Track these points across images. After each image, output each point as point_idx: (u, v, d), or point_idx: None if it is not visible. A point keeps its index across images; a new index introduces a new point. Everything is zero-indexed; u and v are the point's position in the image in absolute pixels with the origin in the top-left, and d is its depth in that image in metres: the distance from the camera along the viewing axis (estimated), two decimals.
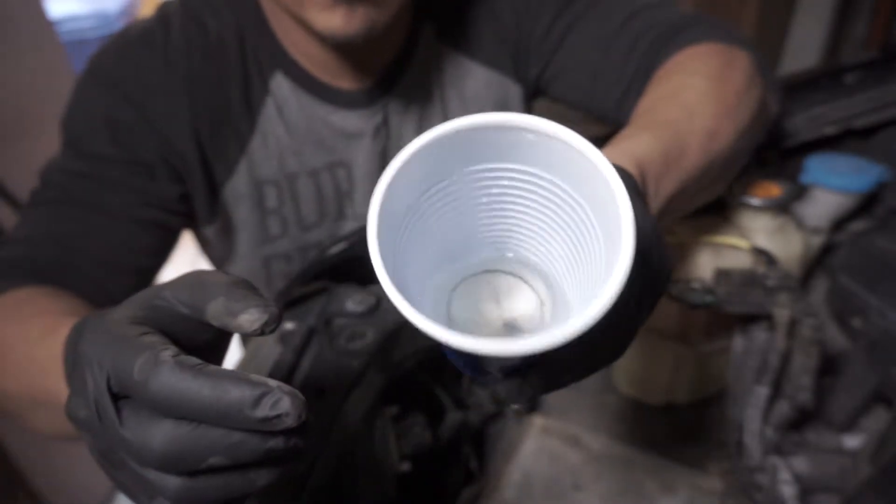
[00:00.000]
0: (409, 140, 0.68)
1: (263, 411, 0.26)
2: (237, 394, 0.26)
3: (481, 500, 0.56)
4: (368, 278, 0.58)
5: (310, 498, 0.40)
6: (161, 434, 0.27)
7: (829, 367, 0.60)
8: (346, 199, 0.76)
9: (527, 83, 0.79)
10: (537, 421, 0.63)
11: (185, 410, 0.26)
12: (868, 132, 0.74)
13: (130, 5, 2.82)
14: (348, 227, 0.77)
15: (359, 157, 0.75)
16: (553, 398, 0.69)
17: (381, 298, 0.55)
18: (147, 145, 0.65)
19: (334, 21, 0.59)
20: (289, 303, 0.62)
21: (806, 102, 0.73)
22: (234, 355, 0.62)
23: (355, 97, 0.72)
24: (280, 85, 0.70)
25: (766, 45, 2.76)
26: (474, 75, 0.77)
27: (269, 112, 0.70)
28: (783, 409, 0.53)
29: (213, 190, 0.71)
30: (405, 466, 0.52)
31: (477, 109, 0.77)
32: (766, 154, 0.72)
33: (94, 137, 0.64)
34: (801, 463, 0.54)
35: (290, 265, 0.77)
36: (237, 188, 0.71)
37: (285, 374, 0.49)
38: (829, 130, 0.71)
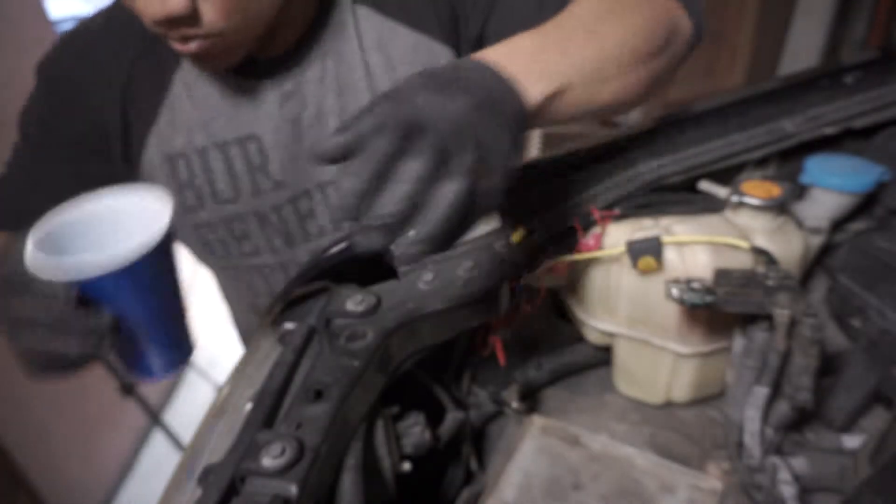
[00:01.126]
0: (329, 108, 0.74)
1: None
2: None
3: (481, 500, 0.55)
4: (368, 278, 0.58)
5: (310, 498, 0.40)
6: None
7: (828, 367, 0.60)
8: (258, 172, 0.77)
9: (459, 47, 0.79)
10: (537, 421, 0.63)
11: None
12: (868, 132, 0.74)
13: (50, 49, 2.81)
14: (269, 199, 0.79)
15: (268, 127, 0.76)
16: (553, 398, 0.69)
17: (382, 298, 0.55)
18: (76, 128, 0.74)
19: (193, 64, 0.67)
20: (289, 303, 0.62)
21: (806, 102, 0.73)
22: (234, 355, 0.62)
23: (263, 66, 0.74)
24: (189, 62, 0.72)
25: (766, 45, 2.77)
26: (402, 38, 0.77)
27: (177, 87, 0.74)
28: (783, 409, 0.53)
29: (131, 163, 0.76)
30: (405, 466, 0.52)
31: (405, 73, 0.75)
32: (767, 154, 0.72)
33: (31, 123, 0.75)
34: (801, 463, 0.54)
35: (217, 233, 0.80)
36: (151, 160, 0.75)
37: (285, 374, 0.49)
38: (829, 130, 0.71)
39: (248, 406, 0.49)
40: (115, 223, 0.59)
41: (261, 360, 0.57)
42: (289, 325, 0.59)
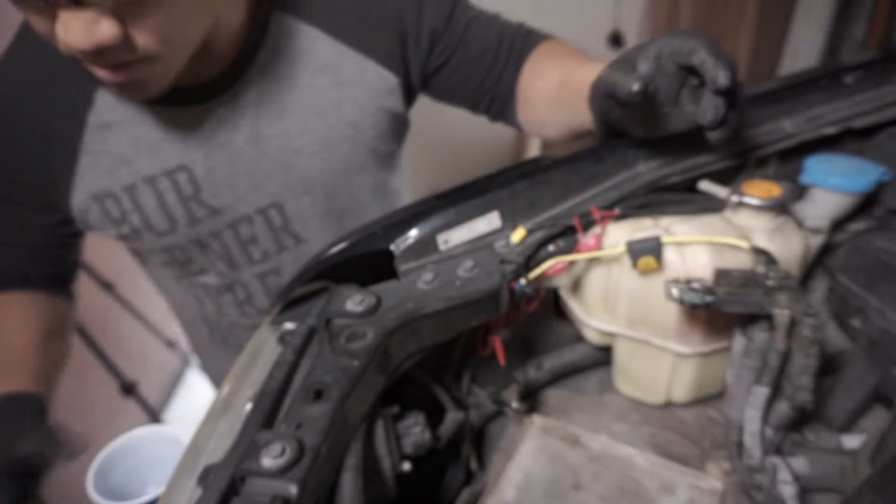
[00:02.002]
0: (268, 130, 0.77)
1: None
2: None
3: (481, 500, 0.55)
4: (368, 278, 0.58)
5: (310, 498, 0.40)
6: None
7: (828, 367, 0.60)
8: (192, 202, 0.75)
9: (408, 76, 0.81)
10: (537, 421, 0.63)
11: None
12: (868, 132, 0.74)
13: None
14: (207, 227, 0.77)
15: (198, 155, 0.74)
16: (553, 398, 0.69)
17: (382, 298, 0.55)
18: (18, 181, 0.73)
19: (114, 91, 0.66)
20: (289, 303, 0.62)
21: (806, 102, 0.73)
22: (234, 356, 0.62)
23: (189, 94, 0.71)
24: (104, 99, 0.70)
25: (766, 45, 2.77)
26: (351, 60, 0.77)
27: (91, 128, 0.71)
28: (783, 409, 0.53)
29: (60, 208, 0.74)
30: (405, 466, 0.52)
31: (354, 97, 0.78)
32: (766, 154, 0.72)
33: None
34: (801, 463, 0.54)
35: (159, 258, 0.81)
36: (80, 202, 0.73)
37: (285, 374, 0.49)
38: (829, 130, 0.71)
39: (248, 406, 0.49)
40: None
41: (261, 360, 0.57)
42: (289, 325, 0.59)
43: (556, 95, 0.75)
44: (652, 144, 0.68)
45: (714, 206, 0.65)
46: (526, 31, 0.85)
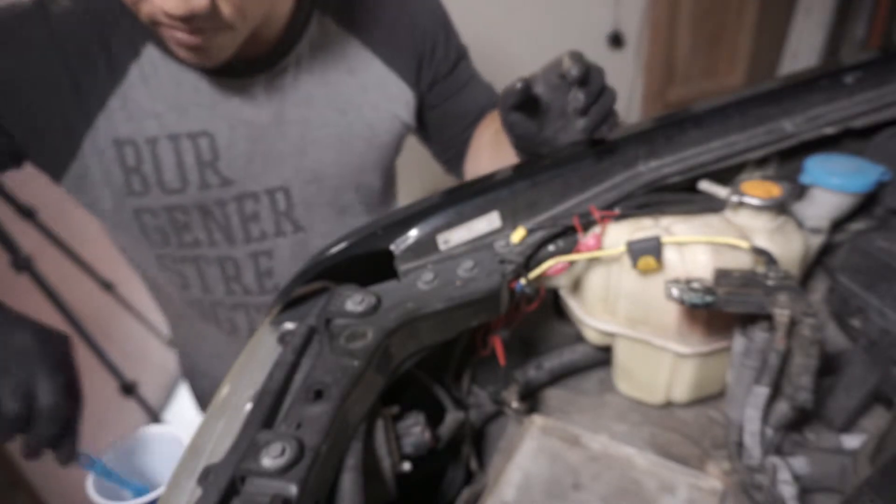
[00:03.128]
0: (289, 116, 0.82)
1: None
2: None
3: (481, 500, 0.55)
4: (368, 278, 0.58)
5: (310, 498, 0.40)
6: None
7: (828, 367, 0.60)
8: (207, 168, 0.78)
9: (419, 97, 0.90)
10: (537, 421, 0.63)
11: None
12: (868, 132, 0.74)
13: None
14: (215, 195, 0.80)
15: (223, 125, 0.77)
16: (553, 398, 0.69)
17: (382, 298, 0.55)
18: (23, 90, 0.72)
19: (180, 54, 0.68)
20: (289, 303, 0.62)
21: (806, 102, 0.73)
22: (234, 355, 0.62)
23: (226, 66, 0.75)
24: (151, 54, 0.74)
25: (766, 45, 2.77)
26: (376, 70, 0.84)
27: (132, 77, 0.74)
28: (783, 409, 0.53)
29: (69, 140, 0.75)
30: (405, 466, 0.52)
31: (375, 102, 0.85)
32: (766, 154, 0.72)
33: None
34: (801, 463, 0.54)
35: (158, 220, 0.81)
36: (96, 142, 0.75)
37: (285, 374, 0.49)
38: (829, 130, 0.71)
39: (248, 406, 0.49)
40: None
41: (261, 360, 0.57)
42: (289, 325, 0.59)
43: (493, 141, 0.85)
44: (652, 144, 0.68)
45: (714, 206, 0.65)
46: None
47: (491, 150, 0.86)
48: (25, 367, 0.56)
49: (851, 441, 0.57)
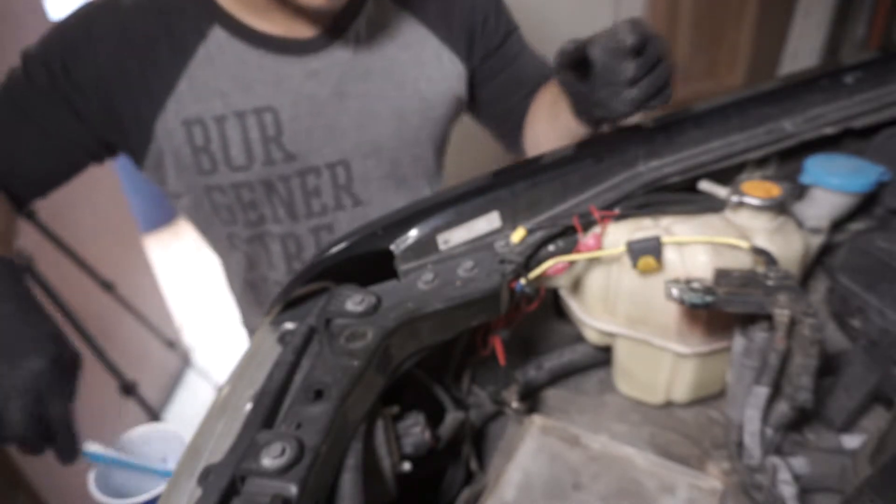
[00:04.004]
0: (350, 90, 0.85)
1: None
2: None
3: (481, 500, 0.55)
4: (368, 278, 0.58)
5: (310, 498, 0.40)
6: None
7: (828, 367, 0.60)
8: (272, 143, 0.81)
9: (472, 71, 0.91)
10: (537, 421, 0.63)
11: None
12: (868, 132, 0.74)
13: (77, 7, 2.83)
14: (279, 170, 0.83)
15: (286, 101, 0.80)
16: (553, 398, 0.69)
17: (382, 298, 0.55)
18: (79, 90, 0.76)
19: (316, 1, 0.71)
20: (289, 303, 0.62)
21: (806, 102, 0.73)
22: (234, 355, 0.62)
23: (291, 44, 0.79)
24: (217, 35, 0.78)
25: (766, 45, 2.77)
26: (430, 45, 0.86)
27: (199, 58, 0.77)
28: (783, 409, 0.53)
29: (143, 125, 0.78)
30: (405, 466, 0.52)
31: (429, 75, 0.87)
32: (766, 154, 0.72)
33: (35, 69, 0.76)
34: (801, 463, 0.54)
35: (226, 197, 0.84)
36: (167, 124, 0.78)
37: (285, 374, 0.49)
38: (829, 130, 0.71)
39: (248, 406, 0.49)
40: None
41: (261, 360, 0.57)
42: (289, 325, 0.59)
43: (550, 112, 0.84)
44: (652, 144, 0.68)
45: (714, 206, 0.65)
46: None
47: (548, 121, 0.85)
48: (36, 391, 0.57)
49: (851, 441, 0.57)
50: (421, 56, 0.86)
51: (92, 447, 0.65)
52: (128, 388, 1.67)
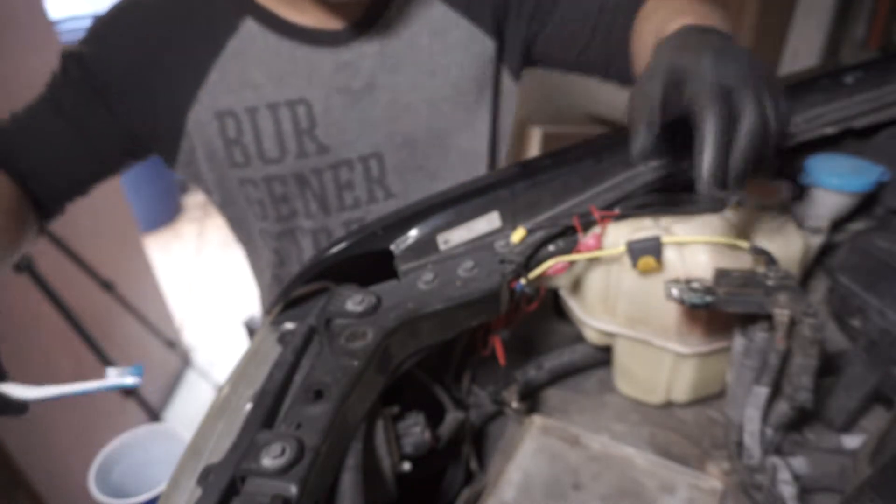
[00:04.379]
0: (381, 81, 0.80)
1: None
2: None
3: (481, 500, 0.55)
4: (368, 278, 0.58)
5: (310, 498, 0.40)
6: None
7: (828, 367, 0.60)
8: (305, 135, 0.81)
9: (504, 42, 0.87)
10: (537, 421, 0.63)
11: None
12: (868, 132, 0.74)
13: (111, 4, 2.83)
14: (312, 163, 0.82)
15: (319, 93, 0.80)
16: (553, 398, 0.69)
17: (382, 298, 0.55)
18: (113, 86, 0.76)
19: None
20: (289, 303, 0.62)
21: (806, 102, 0.73)
22: (234, 355, 0.62)
23: (322, 35, 0.78)
24: (249, 27, 0.77)
25: (766, 45, 2.76)
26: (461, 29, 0.84)
27: (231, 49, 0.77)
28: (783, 409, 0.53)
29: (174, 118, 0.78)
30: (405, 466, 0.52)
31: (460, 61, 0.84)
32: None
33: (69, 65, 0.77)
34: (801, 463, 0.54)
35: (258, 191, 0.84)
36: (199, 116, 0.78)
37: (285, 374, 0.49)
38: (829, 130, 0.71)
39: (248, 406, 0.49)
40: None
41: (261, 360, 0.57)
42: (289, 325, 0.59)
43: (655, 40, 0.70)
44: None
45: (714, 206, 0.64)
46: None
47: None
48: None
49: (851, 441, 0.57)
50: (450, 41, 0.83)
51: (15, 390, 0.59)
52: (128, 389, 1.67)
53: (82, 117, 0.78)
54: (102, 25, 0.78)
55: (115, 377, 0.59)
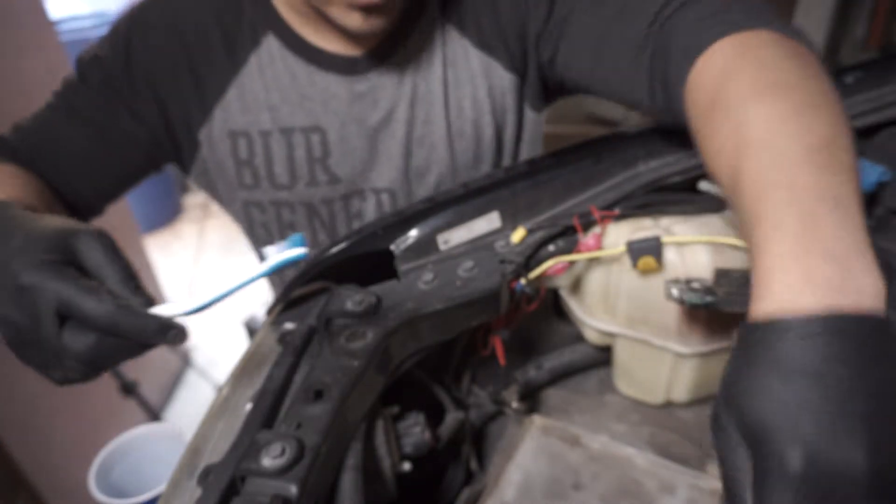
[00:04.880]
0: (399, 114, 0.76)
1: (168, 339, 0.46)
2: (152, 324, 0.44)
3: (481, 500, 0.55)
4: (368, 278, 0.58)
5: (310, 498, 0.40)
6: (87, 341, 0.44)
7: None
8: (318, 164, 0.79)
9: (525, 75, 0.82)
10: (537, 421, 0.63)
11: (114, 332, 0.43)
12: (868, 132, 0.74)
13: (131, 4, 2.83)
14: (322, 192, 0.80)
15: (335, 122, 0.77)
16: (553, 398, 0.69)
17: (382, 298, 0.55)
18: (134, 88, 0.74)
19: (354, 21, 0.66)
20: (289, 303, 0.62)
21: None
22: (234, 355, 0.62)
23: (340, 62, 0.75)
24: (270, 44, 0.74)
25: None
26: (475, 59, 0.80)
27: (250, 67, 0.75)
28: None
29: (190, 129, 0.76)
30: (405, 466, 0.52)
31: (476, 94, 0.81)
32: None
33: (89, 69, 0.74)
34: None
35: (265, 215, 0.82)
36: (212, 133, 0.76)
37: (285, 374, 0.49)
38: None
39: (248, 406, 0.49)
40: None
41: (261, 360, 0.57)
42: (289, 325, 0.59)
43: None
44: (652, 144, 0.68)
45: (714, 206, 0.64)
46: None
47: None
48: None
49: None
50: (466, 74, 0.80)
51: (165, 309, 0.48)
52: (128, 388, 1.67)
53: (105, 121, 0.75)
54: (122, 25, 0.75)
55: (277, 255, 0.47)
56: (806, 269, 0.34)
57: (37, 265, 0.43)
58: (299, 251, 0.47)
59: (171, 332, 0.45)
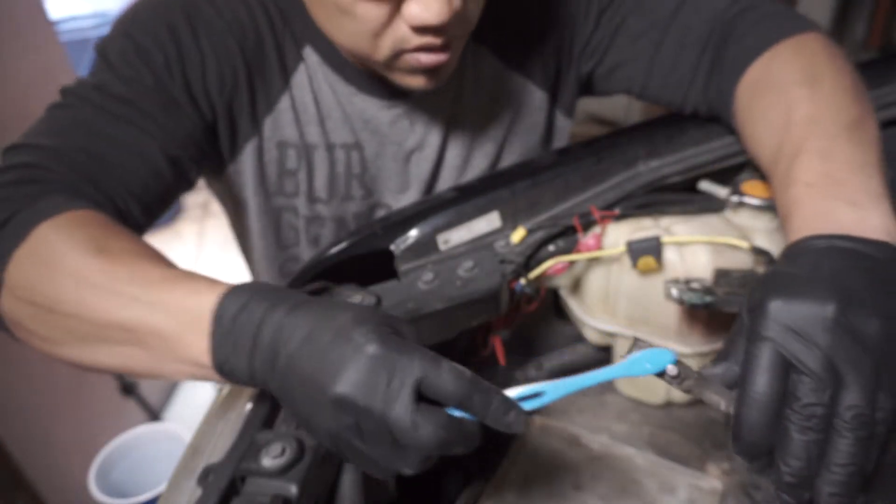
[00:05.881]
0: (432, 140, 0.74)
1: (509, 419, 0.39)
2: (496, 401, 0.39)
3: (481, 500, 0.55)
4: (368, 278, 0.58)
5: (310, 498, 0.40)
6: (440, 420, 0.38)
7: None
8: (355, 180, 0.78)
9: (557, 92, 0.82)
10: (537, 421, 0.63)
11: (462, 407, 0.39)
12: None
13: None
14: (352, 207, 0.80)
15: (373, 142, 0.77)
16: None
17: (382, 298, 0.55)
18: (177, 82, 0.66)
19: (418, 82, 0.64)
20: None
21: None
22: None
23: (377, 85, 0.73)
24: (310, 56, 0.72)
25: None
26: (508, 81, 0.79)
27: (300, 78, 0.73)
28: None
29: (236, 136, 0.72)
30: None
31: (506, 115, 0.80)
32: None
33: (129, 64, 0.64)
34: None
35: (297, 220, 0.80)
36: (260, 143, 0.73)
37: None
38: None
39: (248, 406, 0.49)
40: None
41: None
42: None
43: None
44: (652, 144, 0.68)
45: (714, 206, 0.65)
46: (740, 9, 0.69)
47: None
48: None
49: None
50: (498, 95, 0.78)
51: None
52: (128, 388, 1.67)
53: (165, 124, 0.65)
54: (179, 10, 0.66)
55: (638, 363, 0.41)
56: (831, 211, 0.44)
57: (385, 337, 0.39)
58: (657, 368, 0.40)
59: (513, 412, 0.40)
